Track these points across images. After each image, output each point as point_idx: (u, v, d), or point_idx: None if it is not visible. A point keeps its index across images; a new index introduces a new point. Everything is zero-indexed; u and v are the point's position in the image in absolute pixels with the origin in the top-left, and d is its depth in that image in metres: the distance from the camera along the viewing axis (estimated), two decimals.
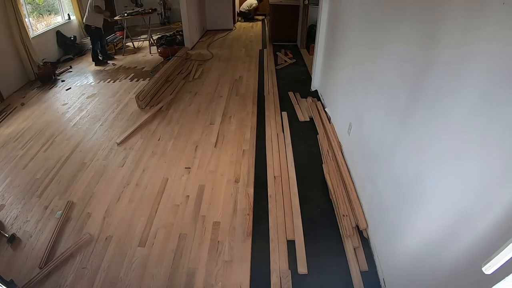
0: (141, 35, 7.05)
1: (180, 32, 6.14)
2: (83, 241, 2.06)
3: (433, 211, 1.28)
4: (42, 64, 4.81)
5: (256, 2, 8.65)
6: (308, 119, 3.44)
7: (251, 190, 2.45)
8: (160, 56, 5.66)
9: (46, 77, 4.78)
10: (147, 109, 3.78)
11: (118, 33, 6.61)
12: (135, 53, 6.16)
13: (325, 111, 3.49)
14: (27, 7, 5.15)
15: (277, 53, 5.68)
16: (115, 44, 6.14)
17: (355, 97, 2.49)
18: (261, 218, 2.21)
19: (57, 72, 5.10)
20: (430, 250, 1.30)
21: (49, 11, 5.98)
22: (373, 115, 2.04)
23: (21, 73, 4.75)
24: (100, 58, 5.59)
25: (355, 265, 1.85)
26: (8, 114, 3.90)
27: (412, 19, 1.53)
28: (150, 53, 6.05)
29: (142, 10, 6.07)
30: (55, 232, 2.13)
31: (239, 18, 8.86)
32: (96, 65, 5.50)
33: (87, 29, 5.28)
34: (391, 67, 1.78)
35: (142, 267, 1.90)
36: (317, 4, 3.99)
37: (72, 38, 6.00)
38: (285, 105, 3.79)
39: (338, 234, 2.07)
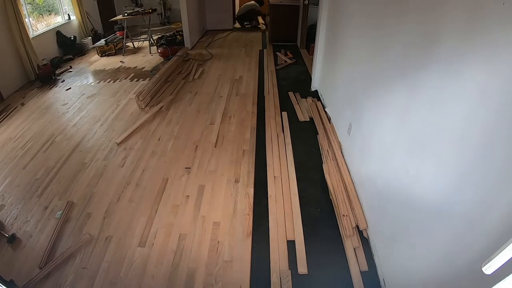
0: (141, 35, 7.05)
1: (180, 32, 6.14)
2: (83, 241, 2.06)
3: (433, 211, 1.28)
4: (42, 64, 4.81)
5: (254, 3, 7.44)
6: (308, 119, 3.44)
7: (251, 190, 2.45)
8: (160, 56, 5.66)
9: (46, 77, 4.78)
10: (147, 109, 3.78)
11: (118, 33, 6.60)
12: (135, 53, 6.16)
13: (325, 111, 3.49)
14: (27, 7, 5.14)
15: (277, 53, 5.68)
16: (115, 44, 6.14)
17: (355, 97, 2.49)
18: (261, 218, 2.21)
19: (57, 72, 5.10)
20: (430, 249, 1.30)
21: (49, 11, 5.98)
22: (373, 115, 2.04)
23: (21, 73, 4.75)
24: None
25: (355, 265, 1.85)
26: (8, 114, 3.90)
27: (412, 19, 1.53)
28: (150, 53, 6.05)
29: (142, 10, 6.06)
30: (55, 232, 2.13)
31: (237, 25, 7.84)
32: None
33: None
34: (391, 66, 1.78)
35: (142, 267, 1.90)
36: (317, 4, 3.99)
37: (72, 38, 6.00)
38: (285, 105, 3.79)
39: (338, 234, 2.07)
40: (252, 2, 7.56)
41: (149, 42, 6.18)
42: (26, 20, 4.84)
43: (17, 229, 2.20)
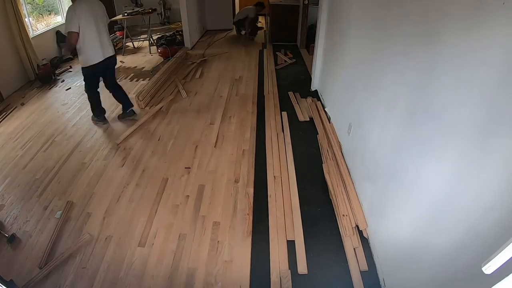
0: (141, 35, 7.05)
1: (180, 32, 6.14)
2: (83, 241, 2.06)
3: (433, 211, 1.28)
4: (42, 64, 4.80)
5: (253, 11, 6.46)
6: (308, 119, 3.44)
7: (251, 190, 2.45)
8: (160, 56, 5.66)
9: (46, 77, 4.78)
10: (147, 109, 3.78)
11: (118, 33, 6.61)
12: (135, 53, 6.15)
13: (325, 111, 3.49)
14: (27, 7, 5.14)
15: (277, 53, 5.68)
16: (115, 44, 6.14)
17: (355, 97, 2.49)
18: (261, 218, 2.20)
19: (57, 72, 5.10)
20: (430, 250, 1.30)
21: (49, 11, 5.98)
22: (373, 115, 2.04)
23: (21, 73, 4.74)
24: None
25: (355, 265, 1.85)
26: (8, 114, 3.89)
27: (413, 19, 1.53)
28: (150, 53, 6.05)
29: (142, 10, 6.06)
30: (55, 232, 2.13)
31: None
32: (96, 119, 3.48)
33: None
34: (391, 66, 1.78)
35: (142, 267, 1.90)
36: (317, 4, 3.99)
37: None
38: (285, 105, 3.79)
39: (338, 234, 2.07)
40: (251, 7, 6.56)
41: (149, 42, 6.18)
42: (26, 20, 4.83)
43: (17, 229, 2.20)
